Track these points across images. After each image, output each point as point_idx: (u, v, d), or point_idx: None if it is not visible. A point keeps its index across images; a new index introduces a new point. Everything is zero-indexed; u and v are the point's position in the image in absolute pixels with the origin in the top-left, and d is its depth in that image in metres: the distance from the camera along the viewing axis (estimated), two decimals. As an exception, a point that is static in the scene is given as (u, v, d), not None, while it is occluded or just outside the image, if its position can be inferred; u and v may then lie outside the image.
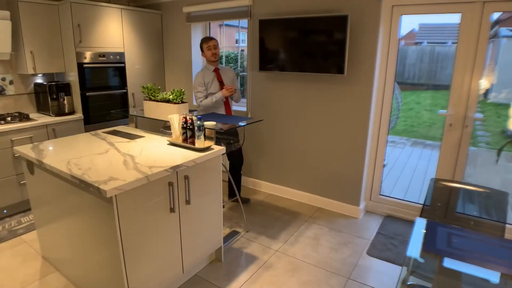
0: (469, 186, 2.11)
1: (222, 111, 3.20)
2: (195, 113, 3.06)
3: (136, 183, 1.75)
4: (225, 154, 3.20)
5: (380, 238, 2.88)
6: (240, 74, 4.05)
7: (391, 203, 3.27)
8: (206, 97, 3.15)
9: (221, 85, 3.13)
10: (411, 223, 3.12)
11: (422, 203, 2.22)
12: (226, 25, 4.35)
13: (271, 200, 3.62)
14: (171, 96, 2.64)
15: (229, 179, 3.30)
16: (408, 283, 1.45)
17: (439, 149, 2.94)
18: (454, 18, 2.69)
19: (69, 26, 3.44)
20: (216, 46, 3.09)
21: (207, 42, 3.09)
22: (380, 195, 3.33)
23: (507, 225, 1.90)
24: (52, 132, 3.41)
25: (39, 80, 3.74)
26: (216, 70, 3.16)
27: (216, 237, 2.47)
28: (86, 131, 3.68)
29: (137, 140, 2.55)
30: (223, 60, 4.40)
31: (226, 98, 3.14)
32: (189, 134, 2.29)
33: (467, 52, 2.64)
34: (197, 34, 4.13)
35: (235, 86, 3.26)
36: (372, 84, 2.93)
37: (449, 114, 2.82)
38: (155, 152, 2.22)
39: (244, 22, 3.88)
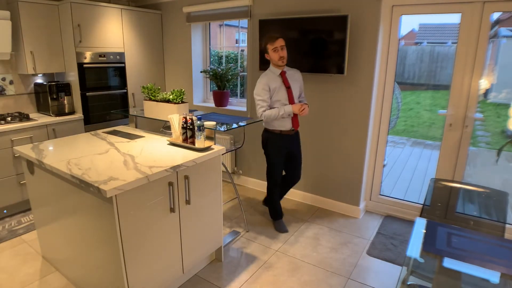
0: (469, 186, 2.11)
1: (287, 124, 2.73)
2: (195, 113, 3.06)
3: (136, 183, 1.75)
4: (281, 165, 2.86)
5: (380, 238, 2.88)
6: (240, 74, 4.05)
7: (391, 203, 3.28)
8: (270, 107, 2.68)
9: (289, 91, 2.65)
10: (411, 223, 3.12)
11: (422, 203, 2.22)
12: (226, 25, 4.35)
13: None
14: (171, 96, 2.64)
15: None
16: (408, 283, 1.45)
17: (439, 149, 2.94)
18: (454, 18, 2.69)
19: (69, 26, 3.44)
20: (283, 47, 2.57)
21: (273, 42, 2.55)
22: (380, 195, 3.33)
23: (507, 225, 1.90)
24: (52, 132, 3.41)
25: (39, 80, 3.74)
26: (283, 74, 2.66)
27: (216, 237, 2.47)
28: (86, 131, 3.68)
29: (137, 140, 2.55)
30: (223, 60, 4.40)
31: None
32: (189, 134, 2.29)
33: (467, 52, 2.64)
34: (197, 34, 4.13)
35: (302, 91, 2.82)
36: (372, 84, 2.93)
37: (449, 114, 2.82)
38: (155, 152, 2.22)
39: (244, 22, 3.88)
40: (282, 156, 2.81)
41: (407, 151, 5.75)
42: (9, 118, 3.24)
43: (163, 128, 3.21)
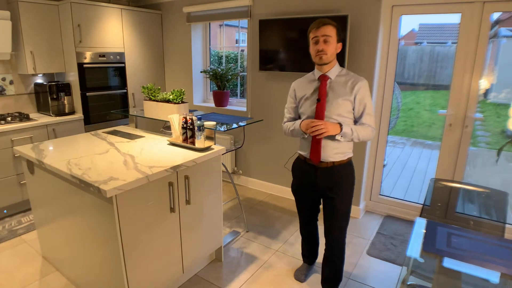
0: (469, 186, 2.11)
1: (307, 149, 1.96)
2: (195, 113, 3.06)
3: (136, 183, 1.75)
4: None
5: (380, 238, 2.88)
6: (240, 74, 4.05)
7: (391, 203, 3.27)
8: (295, 119, 2.03)
9: (318, 105, 1.84)
10: (411, 223, 3.12)
11: (422, 203, 2.22)
12: (226, 25, 4.35)
13: (271, 200, 3.62)
14: (171, 96, 2.64)
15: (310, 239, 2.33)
16: (408, 283, 1.45)
17: (439, 149, 2.94)
18: (454, 18, 2.69)
19: (69, 26, 3.44)
20: (328, 39, 1.79)
21: (315, 30, 1.82)
22: (380, 195, 3.33)
23: (507, 225, 1.90)
24: (52, 132, 3.41)
25: (39, 80, 3.74)
26: (323, 79, 1.86)
27: (216, 237, 2.47)
28: (86, 131, 3.68)
29: (137, 140, 2.55)
30: (223, 60, 4.40)
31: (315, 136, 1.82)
32: (189, 134, 2.29)
33: (467, 52, 2.64)
34: (197, 34, 4.13)
35: (362, 110, 1.85)
36: (372, 84, 2.93)
37: (449, 114, 2.82)
38: (155, 152, 2.22)
39: (244, 22, 3.88)
40: (304, 189, 2.08)
41: (407, 151, 5.75)
42: (9, 118, 3.24)
43: (163, 128, 3.21)
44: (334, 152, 1.89)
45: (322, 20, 1.82)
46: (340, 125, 1.78)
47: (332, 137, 1.85)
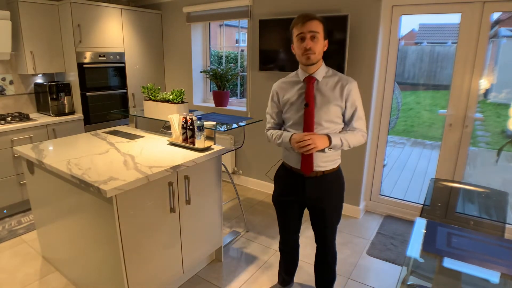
0: (469, 186, 2.11)
1: (294, 159, 1.78)
2: (195, 113, 3.06)
3: (136, 183, 1.75)
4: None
5: (380, 238, 2.88)
6: (240, 74, 4.05)
7: (391, 203, 3.27)
8: (280, 125, 1.87)
9: (307, 111, 1.64)
10: (411, 223, 3.12)
11: (422, 203, 2.22)
12: (226, 25, 4.35)
13: (271, 200, 3.61)
14: (171, 96, 2.64)
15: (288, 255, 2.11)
16: (408, 283, 1.45)
17: (439, 149, 2.94)
18: (454, 18, 2.69)
19: (69, 26, 3.44)
20: (315, 35, 1.60)
21: (300, 26, 1.61)
22: (380, 195, 3.33)
23: (507, 225, 1.90)
24: (52, 132, 3.41)
25: (39, 80, 3.74)
26: (309, 81, 1.66)
27: (216, 237, 2.47)
28: (86, 131, 3.68)
29: (137, 140, 2.55)
30: (223, 60, 4.40)
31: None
32: (189, 134, 2.29)
33: (467, 52, 2.64)
34: (197, 34, 4.13)
35: (353, 114, 1.68)
36: (372, 84, 2.93)
37: (449, 114, 2.82)
38: (155, 152, 2.22)
39: (244, 22, 3.88)
40: (287, 201, 1.88)
41: (407, 151, 5.75)
42: (9, 118, 3.24)
43: (163, 128, 3.21)
44: (324, 160, 1.71)
45: (308, 14, 1.61)
46: (329, 137, 1.60)
47: (321, 149, 1.66)
